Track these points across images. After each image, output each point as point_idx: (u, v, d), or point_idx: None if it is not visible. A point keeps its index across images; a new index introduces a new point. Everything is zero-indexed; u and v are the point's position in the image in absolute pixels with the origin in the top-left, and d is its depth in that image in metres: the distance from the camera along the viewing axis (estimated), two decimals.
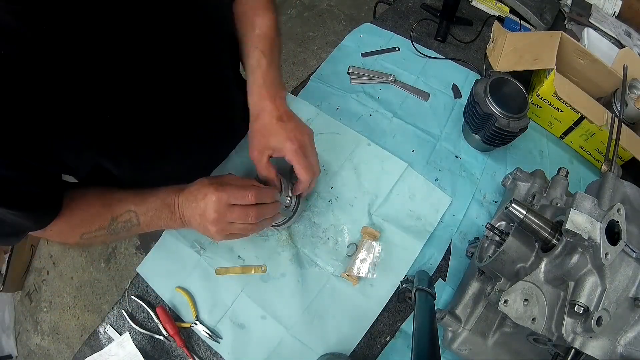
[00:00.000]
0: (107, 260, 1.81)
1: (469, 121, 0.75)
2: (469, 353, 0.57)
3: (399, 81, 0.85)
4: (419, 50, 0.90)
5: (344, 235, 0.68)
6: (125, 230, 0.55)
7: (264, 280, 0.65)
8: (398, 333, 0.63)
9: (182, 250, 0.67)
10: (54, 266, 1.82)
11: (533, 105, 0.81)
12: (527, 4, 0.98)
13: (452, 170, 0.76)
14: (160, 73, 0.51)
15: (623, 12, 1.08)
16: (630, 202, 0.53)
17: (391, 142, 0.77)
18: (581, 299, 0.43)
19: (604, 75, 0.83)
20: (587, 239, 0.42)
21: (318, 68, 0.87)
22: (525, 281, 0.47)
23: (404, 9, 1.01)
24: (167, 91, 0.53)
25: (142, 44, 0.47)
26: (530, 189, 0.65)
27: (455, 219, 0.71)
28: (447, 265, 0.68)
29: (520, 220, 0.48)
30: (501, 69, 0.81)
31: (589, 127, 0.76)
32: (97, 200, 0.55)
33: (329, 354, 0.59)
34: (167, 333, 0.61)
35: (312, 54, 2.25)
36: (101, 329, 0.64)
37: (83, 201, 0.55)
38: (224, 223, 0.53)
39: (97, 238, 0.55)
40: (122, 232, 0.55)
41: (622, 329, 0.43)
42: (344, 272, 0.65)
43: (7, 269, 1.69)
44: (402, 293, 0.56)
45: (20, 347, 1.68)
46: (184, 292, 0.64)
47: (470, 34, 0.95)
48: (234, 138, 0.75)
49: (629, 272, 0.43)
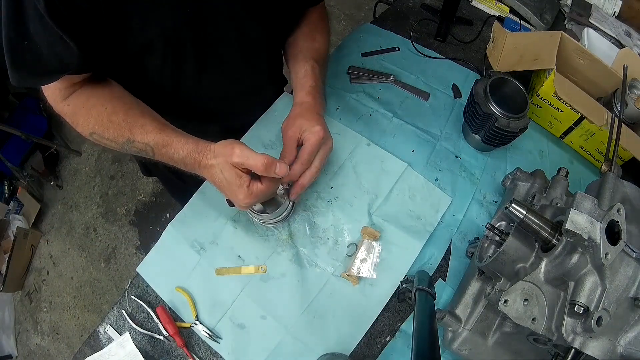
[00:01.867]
0: (107, 260, 1.81)
1: (469, 121, 0.75)
2: (469, 353, 0.57)
3: (399, 81, 0.85)
4: (419, 50, 0.90)
5: (344, 235, 0.68)
6: (137, 154, 0.58)
7: (264, 280, 0.65)
8: (398, 333, 0.63)
9: (182, 250, 0.67)
10: (54, 266, 1.82)
11: (533, 105, 0.81)
12: (527, 4, 0.98)
13: (452, 170, 0.76)
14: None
15: (623, 12, 1.08)
16: (630, 202, 0.53)
17: (391, 142, 0.77)
18: (581, 299, 0.43)
19: (604, 75, 0.83)
20: (587, 239, 0.42)
21: None
22: (525, 281, 0.47)
23: (404, 9, 1.01)
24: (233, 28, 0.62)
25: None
26: (530, 189, 0.65)
27: (455, 219, 0.71)
28: (447, 265, 0.68)
29: (520, 220, 0.48)
30: (501, 69, 0.81)
31: (589, 127, 0.76)
32: (122, 112, 0.56)
33: (329, 354, 0.59)
34: (167, 333, 0.61)
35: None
36: (101, 329, 0.64)
37: (110, 102, 0.56)
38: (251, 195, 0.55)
39: (107, 145, 0.58)
40: (133, 153, 0.58)
41: (622, 329, 0.43)
42: (344, 272, 0.65)
43: (7, 269, 1.69)
44: (402, 293, 0.56)
45: (20, 347, 1.68)
46: (184, 292, 0.64)
47: (470, 34, 0.95)
48: (259, 108, 0.81)
49: (629, 272, 0.44)
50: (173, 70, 0.63)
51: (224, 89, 0.74)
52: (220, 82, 0.71)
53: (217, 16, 0.59)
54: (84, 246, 1.85)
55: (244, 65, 0.72)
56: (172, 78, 0.65)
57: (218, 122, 0.81)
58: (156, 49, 0.57)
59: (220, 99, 0.75)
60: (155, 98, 0.63)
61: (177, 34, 0.57)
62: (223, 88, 0.73)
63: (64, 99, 0.56)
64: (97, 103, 0.56)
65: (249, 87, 0.77)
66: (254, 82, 0.78)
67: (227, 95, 0.76)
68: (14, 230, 1.75)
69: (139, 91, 0.62)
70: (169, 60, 0.61)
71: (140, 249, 1.81)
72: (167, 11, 0.53)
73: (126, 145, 0.56)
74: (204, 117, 0.77)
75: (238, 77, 0.73)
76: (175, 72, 0.64)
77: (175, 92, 0.68)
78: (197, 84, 0.68)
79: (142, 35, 0.54)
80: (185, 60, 0.62)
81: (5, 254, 1.71)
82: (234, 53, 0.68)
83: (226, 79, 0.71)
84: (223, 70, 0.69)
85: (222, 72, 0.69)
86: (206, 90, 0.71)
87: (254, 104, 0.80)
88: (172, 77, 0.65)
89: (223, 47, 0.65)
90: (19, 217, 1.81)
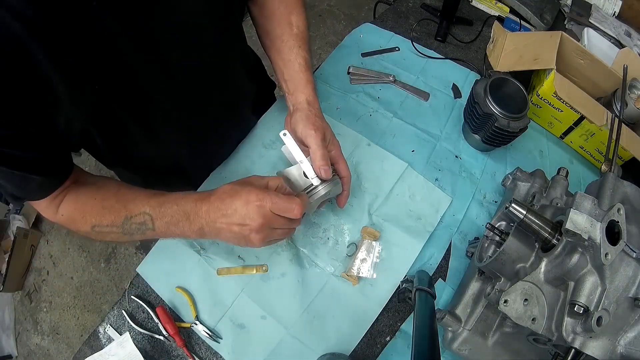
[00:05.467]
0: (107, 260, 1.81)
1: (469, 121, 0.75)
2: (469, 353, 0.57)
3: (399, 81, 0.85)
4: (419, 50, 0.90)
5: (344, 235, 0.68)
6: (140, 232, 0.53)
7: (264, 280, 0.65)
8: (398, 333, 0.63)
9: (182, 250, 0.67)
10: (54, 266, 1.82)
11: (533, 105, 0.81)
12: (527, 4, 0.98)
13: (452, 170, 0.76)
14: (156, 50, 0.49)
15: (623, 12, 1.08)
16: (630, 202, 0.53)
17: (391, 142, 0.77)
18: (581, 299, 0.43)
19: (604, 75, 0.83)
20: (587, 239, 0.42)
21: (318, 68, 0.87)
22: (525, 281, 0.47)
23: (404, 9, 1.01)
24: (162, 71, 0.52)
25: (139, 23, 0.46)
26: (530, 189, 0.65)
27: (455, 219, 0.71)
28: (447, 265, 0.68)
29: (520, 220, 0.48)
30: (501, 69, 0.81)
31: (589, 127, 0.76)
32: (112, 196, 0.55)
33: (329, 354, 0.59)
34: (167, 333, 0.61)
35: (312, 54, 2.25)
36: (101, 329, 0.63)
37: (98, 193, 0.55)
38: (268, 229, 0.51)
39: (109, 234, 0.54)
40: (136, 234, 0.54)
41: (622, 329, 0.43)
42: (344, 272, 0.65)
43: (7, 269, 1.69)
44: (402, 293, 0.56)
45: (20, 347, 1.68)
46: (184, 292, 0.64)
47: (470, 34, 0.95)
48: (239, 127, 0.75)
49: (629, 272, 0.44)
50: (121, 139, 0.58)
51: (185, 134, 0.66)
52: (178, 131, 0.64)
53: (140, 79, 0.51)
54: (84, 246, 1.84)
55: (200, 101, 0.63)
56: (126, 147, 0.62)
57: (201, 159, 0.73)
58: (94, 135, 0.54)
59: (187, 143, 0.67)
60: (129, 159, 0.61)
61: (105, 114, 0.51)
62: (183, 134, 0.65)
63: (56, 211, 0.54)
64: (87, 198, 0.54)
65: (218, 115, 0.69)
66: (221, 110, 0.69)
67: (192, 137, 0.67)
68: (14, 230, 1.75)
69: (116, 157, 0.60)
70: (113, 135, 0.56)
71: (140, 249, 1.81)
72: (84, 103, 0.47)
73: (126, 224, 0.53)
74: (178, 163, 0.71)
75: (198, 117, 0.65)
76: (124, 140, 0.59)
77: (131, 154, 0.64)
78: (154, 140, 0.62)
79: (75, 130, 0.51)
80: (128, 131, 0.56)
81: (5, 254, 1.71)
82: (179, 99, 0.58)
83: (184, 124, 0.63)
84: (176, 119, 0.61)
85: (176, 121, 0.62)
86: (166, 145, 0.65)
87: (230, 128, 0.73)
88: (126, 147, 0.61)
89: (157, 96, 0.55)
90: (19, 217, 1.80)
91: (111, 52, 0.45)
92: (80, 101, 0.46)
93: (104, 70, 0.45)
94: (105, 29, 0.43)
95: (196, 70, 0.57)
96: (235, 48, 0.66)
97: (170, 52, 0.51)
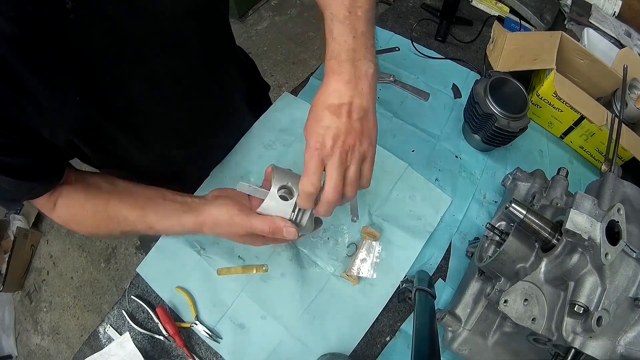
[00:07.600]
0: (107, 260, 1.81)
1: (469, 121, 0.75)
2: (469, 353, 0.57)
3: (399, 81, 0.85)
4: (419, 50, 0.90)
5: (344, 235, 0.68)
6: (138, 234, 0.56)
7: (264, 280, 0.65)
8: (398, 333, 0.63)
9: (182, 250, 0.67)
10: (54, 266, 1.82)
11: (533, 105, 0.81)
12: (527, 4, 0.98)
13: (452, 170, 0.76)
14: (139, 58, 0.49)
15: (623, 12, 1.07)
16: (630, 202, 0.53)
17: (391, 142, 0.77)
18: (581, 299, 0.43)
19: (604, 75, 0.83)
20: (587, 239, 0.42)
21: (318, 68, 0.87)
22: (525, 281, 0.47)
23: (404, 9, 1.01)
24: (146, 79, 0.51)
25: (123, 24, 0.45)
26: (530, 189, 0.65)
27: (455, 219, 0.71)
28: (447, 265, 0.68)
29: (520, 220, 0.48)
30: (501, 69, 0.81)
31: (589, 127, 0.76)
32: (103, 209, 0.53)
33: (329, 354, 0.59)
34: (167, 333, 0.61)
35: (313, 54, 2.25)
36: (101, 329, 0.64)
37: (87, 203, 0.54)
38: (249, 239, 0.52)
39: (108, 237, 0.58)
40: (135, 235, 0.57)
41: (622, 329, 0.43)
42: (344, 272, 0.65)
43: (7, 269, 1.69)
44: (402, 293, 0.56)
45: (20, 347, 1.68)
46: (184, 292, 0.64)
47: (470, 34, 0.95)
48: (232, 127, 0.74)
49: (629, 272, 0.44)
50: (109, 147, 0.58)
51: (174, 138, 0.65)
52: (166, 136, 0.63)
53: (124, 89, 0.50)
54: (84, 246, 1.84)
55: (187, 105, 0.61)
56: (116, 153, 0.61)
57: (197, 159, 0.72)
58: (79, 144, 0.54)
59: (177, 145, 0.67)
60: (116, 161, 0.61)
61: (89, 124, 0.50)
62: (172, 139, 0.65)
63: (53, 208, 0.53)
64: (77, 208, 0.54)
65: (207, 116, 0.67)
66: (209, 111, 0.67)
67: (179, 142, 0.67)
68: (14, 230, 1.75)
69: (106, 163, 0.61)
70: (99, 144, 0.56)
71: (140, 249, 1.81)
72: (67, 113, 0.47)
73: (123, 236, 0.56)
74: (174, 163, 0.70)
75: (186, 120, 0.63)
76: (112, 147, 0.59)
77: (122, 160, 0.63)
78: (142, 145, 0.61)
79: (60, 141, 0.51)
80: (115, 138, 0.56)
81: (5, 254, 1.71)
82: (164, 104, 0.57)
83: (170, 128, 0.63)
84: (163, 124, 0.61)
85: (162, 125, 0.61)
86: (155, 149, 0.64)
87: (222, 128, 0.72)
88: (115, 153, 0.61)
89: (141, 103, 0.54)
90: (19, 217, 1.81)
91: (92, 63, 0.45)
92: (63, 112, 0.46)
93: (86, 81, 0.45)
94: (85, 40, 0.43)
95: (181, 74, 0.56)
96: (221, 44, 0.64)
97: (153, 59, 0.51)
